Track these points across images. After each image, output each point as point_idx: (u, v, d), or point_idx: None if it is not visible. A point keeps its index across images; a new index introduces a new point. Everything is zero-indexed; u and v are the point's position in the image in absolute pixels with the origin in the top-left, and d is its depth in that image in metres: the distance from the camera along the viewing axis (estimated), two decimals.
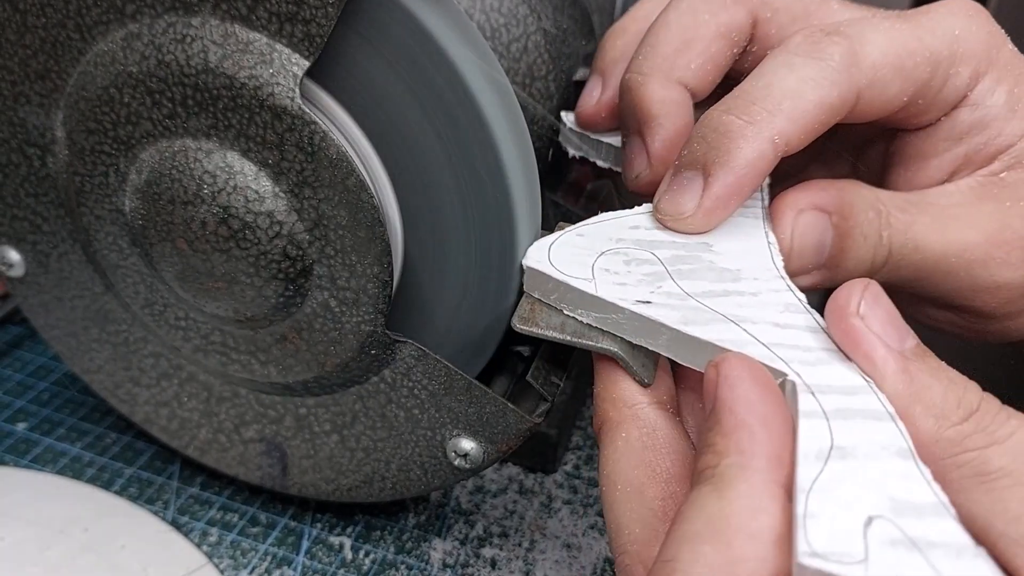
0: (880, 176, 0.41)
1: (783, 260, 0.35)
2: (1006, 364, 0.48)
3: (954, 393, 0.27)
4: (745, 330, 0.31)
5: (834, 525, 0.24)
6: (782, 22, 0.39)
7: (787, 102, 0.34)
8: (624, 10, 0.57)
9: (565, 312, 0.34)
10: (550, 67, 0.44)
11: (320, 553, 0.48)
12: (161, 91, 0.36)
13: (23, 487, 0.49)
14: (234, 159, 0.36)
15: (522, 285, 0.36)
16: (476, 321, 0.40)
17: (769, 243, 0.35)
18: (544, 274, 0.35)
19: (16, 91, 0.40)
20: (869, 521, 0.24)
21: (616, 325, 0.33)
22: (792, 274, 0.35)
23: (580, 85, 0.47)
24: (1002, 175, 0.37)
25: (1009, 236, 0.36)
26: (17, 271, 0.46)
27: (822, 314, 0.31)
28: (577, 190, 0.50)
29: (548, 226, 0.38)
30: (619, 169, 0.42)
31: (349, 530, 0.49)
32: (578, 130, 0.45)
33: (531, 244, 0.36)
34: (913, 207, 0.37)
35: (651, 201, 0.37)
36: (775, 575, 0.24)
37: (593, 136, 0.44)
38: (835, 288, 0.30)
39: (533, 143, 0.37)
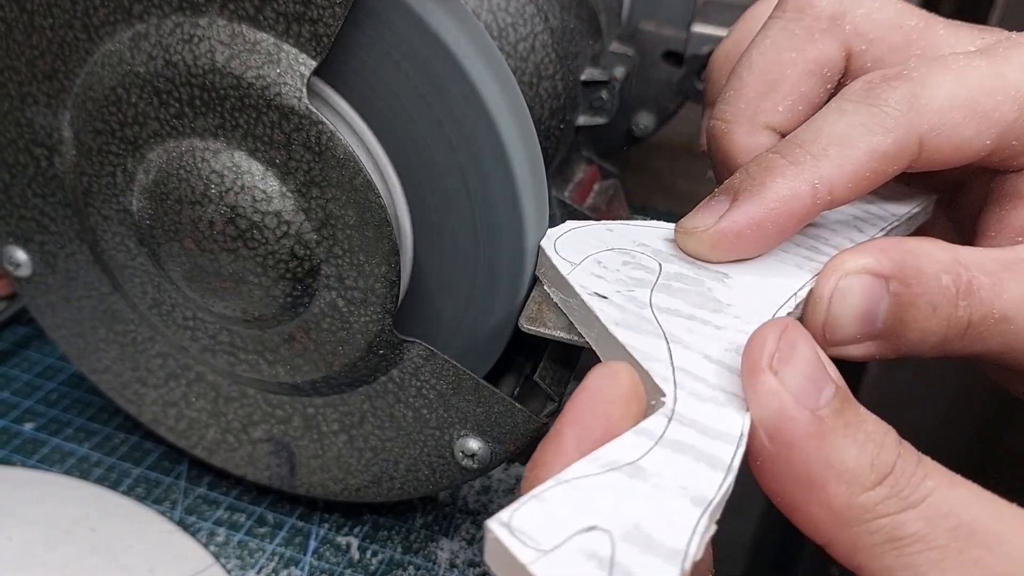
0: (978, 218, 0.37)
1: (815, 327, 0.32)
2: None
3: (868, 454, 0.26)
4: (669, 349, 0.30)
5: (551, 515, 0.23)
6: (879, 53, 0.36)
7: (833, 148, 0.32)
8: (631, 11, 0.57)
9: (545, 287, 0.35)
10: (557, 67, 0.44)
11: (327, 553, 0.48)
12: (168, 91, 0.36)
13: (30, 487, 0.49)
14: (241, 159, 0.36)
15: (530, 285, 0.37)
16: (484, 321, 0.40)
17: (794, 295, 0.33)
18: (542, 248, 0.35)
19: (23, 91, 0.40)
20: (590, 529, 0.23)
21: (569, 308, 0.33)
22: (833, 343, 0.32)
23: (587, 85, 0.47)
24: None
25: None
26: (24, 271, 0.46)
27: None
28: (585, 189, 0.50)
29: (554, 225, 0.38)
30: None
31: (357, 530, 0.49)
32: None
33: (538, 242, 0.36)
34: (1003, 269, 0.32)
35: None
36: None
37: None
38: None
39: (540, 142, 0.37)
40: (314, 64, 0.34)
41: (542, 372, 0.39)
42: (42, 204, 0.43)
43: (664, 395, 0.28)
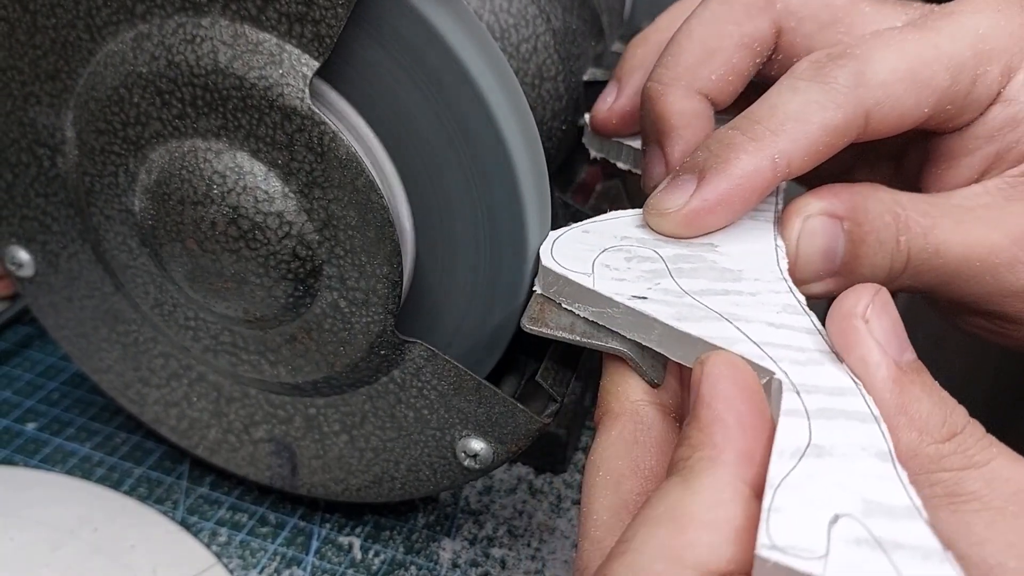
0: (917, 175, 0.40)
1: (789, 265, 0.35)
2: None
3: (941, 411, 0.27)
4: (738, 328, 0.31)
5: (798, 520, 0.24)
6: (808, 31, 0.38)
7: (790, 124, 0.34)
8: (633, 11, 0.57)
9: (564, 306, 0.35)
10: (559, 68, 0.44)
11: (329, 553, 0.48)
12: (171, 91, 0.36)
13: (33, 487, 0.49)
14: (244, 159, 0.36)
15: (531, 286, 0.37)
16: (486, 322, 0.40)
17: (776, 247, 0.35)
18: (546, 268, 0.35)
19: (26, 91, 0.40)
20: (835, 519, 0.24)
21: (611, 319, 0.33)
22: (801, 282, 0.35)
23: (590, 86, 0.47)
24: None
25: None
26: (27, 271, 0.46)
27: (822, 318, 0.31)
28: (587, 190, 0.50)
29: (557, 226, 0.38)
30: (639, 172, 0.42)
31: (359, 530, 0.49)
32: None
33: (540, 244, 0.36)
34: (935, 209, 0.36)
35: None
36: (724, 566, 0.24)
37: (614, 139, 0.44)
38: None
39: (542, 143, 0.37)
40: (316, 65, 0.34)
41: (544, 372, 0.39)
42: (44, 204, 0.43)
43: (773, 372, 0.29)
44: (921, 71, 0.34)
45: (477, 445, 0.41)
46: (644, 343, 0.33)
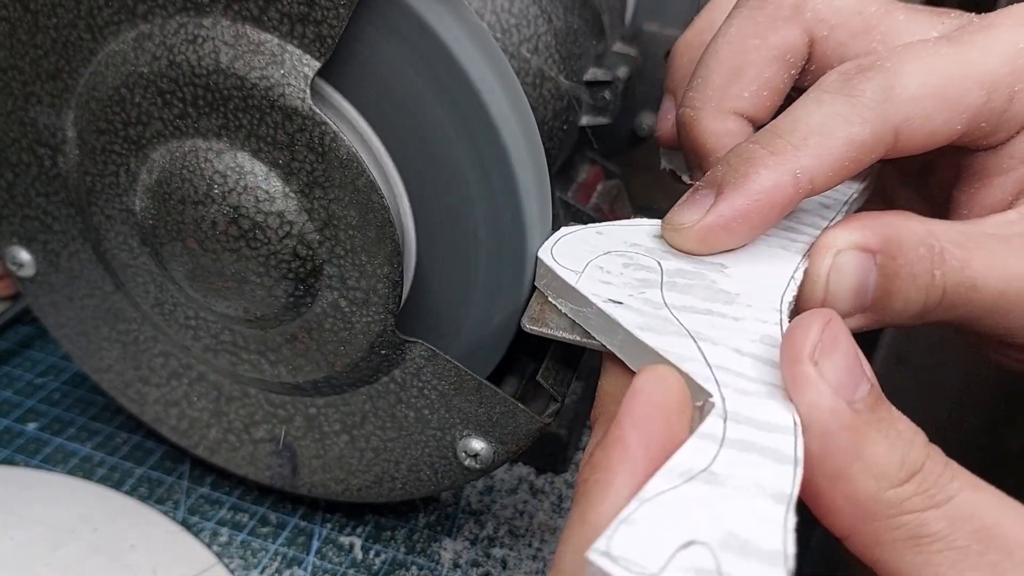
0: (948, 194, 0.39)
1: (816, 305, 0.33)
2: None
3: (898, 451, 0.26)
4: (699, 347, 0.30)
5: (646, 536, 0.23)
6: (841, 39, 0.37)
7: (813, 138, 0.33)
8: (634, 11, 0.57)
9: (550, 299, 0.35)
10: (560, 68, 0.44)
11: (330, 553, 0.48)
12: (172, 91, 0.36)
13: (33, 487, 0.49)
14: (244, 159, 0.36)
15: (532, 286, 0.37)
16: (486, 321, 0.40)
17: (792, 278, 0.34)
18: (541, 260, 0.35)
19: (27, 91, 0.40)
20: (688, 544, 0.23)
21: (584, 319, 0.33)
22: None
23: (592, 85, 0.47)
24: None
25: None
26: (28, 270, 0.46)
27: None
28: (588, 190, 0.50)
29: (559, 226, 0.38)
30: None
31: (359, 530, 0.49)
32: None
33: (541, 244, 0.36)
34: (971, 240, 0.33)
35: None
36: None
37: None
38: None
39: (543, 143, 0.37)
40: (318, 65, 0.34)
41: (545, 372, 0.39)
42: (45, 204, 0.43)
43: (710, 395, 0.28)
44: (953, 87, 0.33)
45: (478, 445, 0.41)
46: (608, 346, 0.33)
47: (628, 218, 0.38)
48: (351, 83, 0.36)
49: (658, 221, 0.37)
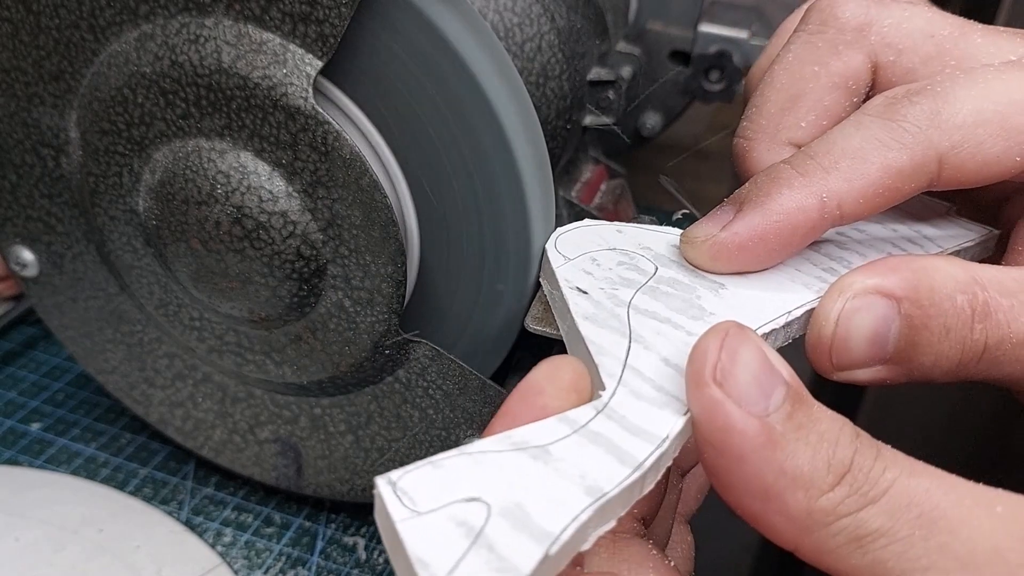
0: (1012, 229, 0.36)
1: (822, 350, 0.30)
2: None
3: (823, 454, 0.25)
4: (628, 347, 0.29)
5: (439, 481, 0.23)
6: (910, 65, 0.34)
7: (845, 162, 0.31)
8: (638, 10, 0.57)
9: (540, 279, 0.35)
10: (564, 67, 0.44)
11: (335, 553, 0.48)
12: (175, 91, 0.36)
13: (38, 487, 0.49)
14: (248, 159, 0.36)
15: (536, 286, 0.37)
16: (490, 321, 0.40)
17: (787, 312, 0.32)
18: (547, 245, 0.36)
19: (30, 92, 0.40)
20: (471, 500, 0.23)
21: (552, 299, 0.34)
22: (840, 367, 0.30)
23: (595, 85, 0.47)
24: None
25: None
26: (31, 271, 0.46)
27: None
28: (592, 189, 0.50)
29: (561, 224, 0.38)
30: None
31: (364, 530, 0.49)
32: None
33: (544, 244, 0.36)
34: (1022, 290, 0.30)
35: None
36: None
37: None
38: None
39: (547, 142, 0.37)
40: (320, 64, 0.34)
41: None
42: (49, 204, 0.43)
43: (603, 389, 0.27)
44: (1013, 115, 0.30)
45: None
46: (560, 331, 0.33)
47: (630, 218, 0.38)
48: (354, 82, 0.36)
49: (678, 230, 0.36)
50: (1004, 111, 0.31)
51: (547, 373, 0.27)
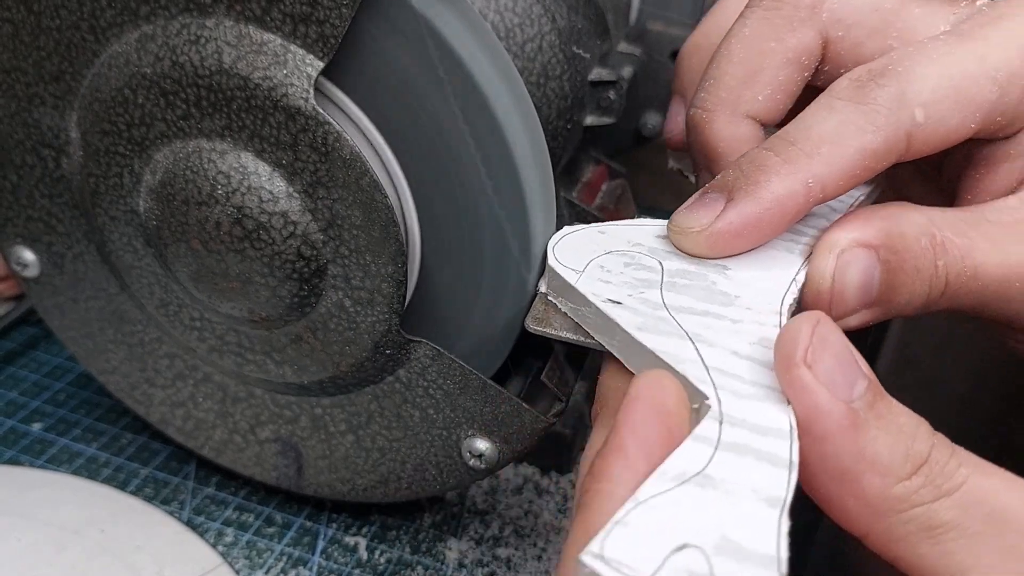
0: (956, 180, 0.38)
1: (823, 306, 0.33)
2: None
3: (902, 445, 0.26)
4: (696, 349, 0.30)
5: (640, 539, 0.23)
6: (857, 38, 0.36)
7: (826, 147, 0.32)
8: (639, 10, 0.57)
9: (549, 298, 0.35)
10: (564, 67, 0.44)
11: (336, 553, 0.48)
12: (175, 92, 0.36)
13: (39, 487, 0.49)
14: (248, 159, 0.36)
15: (536, 286, 0.37)
16: (491, 321, 0.40)
17: (794, 280, 0.33)
18: (547, 261, 0.35)
19: (31, 92, 0.40)
20: (681, 547, 0.23)
21: (583, 318, 0.33)
22: (838, 317, 0.33)
23: (595, 85, 0.47)
24: None
25: None
26: (32, 272, 0.46)
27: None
28: (593, 189, 0.50)
29: (563, 225, 0.38)
30: None
31: (365, 530, 0.49)
32: None
33: (545, 244, 0.36)
34: (971, 229, 0.33)
35: None
36: None
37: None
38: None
39: (547, 143, 0.37)
40: (321, 65, 0.34)
41: (549, 372, 0.39)
42: (49, 205, 0.43)
43: (707, 398, 0.28)
44: (967, 87, 0.33)
45: (483, 445, 0.40)
46: (607, 347, 0.32)
47: (633, 218, 0.38)
48: (354, 83, 0.36)
49: (662, 222, 0.36)
50: (958, 84, 0.33)
51: (656, 390, 0.27)
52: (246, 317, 0.40)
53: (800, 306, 0.33)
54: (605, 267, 0.34)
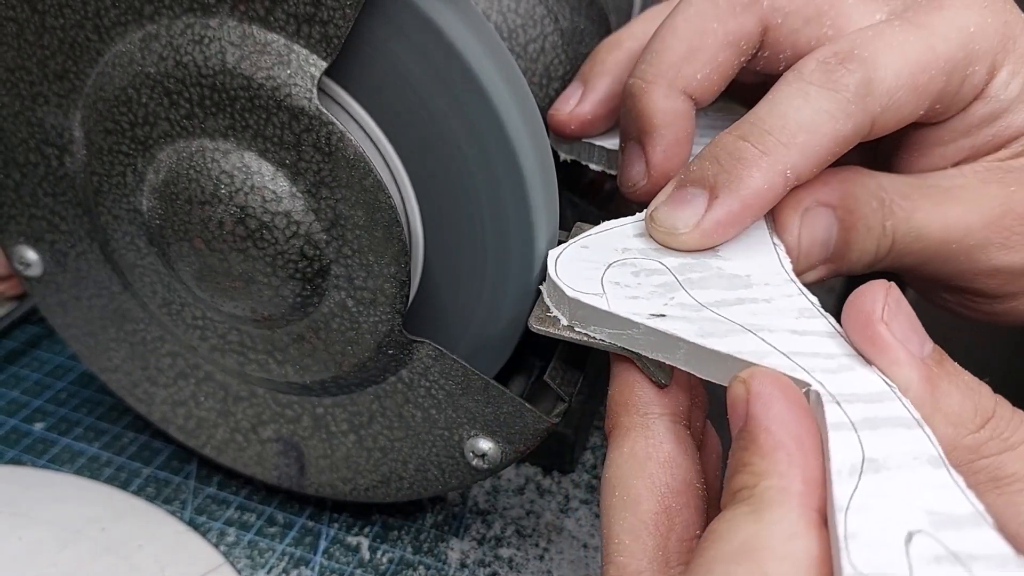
0: (890, 159, 0.41)
1: (791, 261, 0.34)
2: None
3: (971, 400, 0.28)
4: (763, 339, 0.30)
5: (876, 544, 0.24)
6: (794, 26, 0.37)
7: (802, 136, 0.33)
8: (642, 11, 0.57)
9: (577, 329, 0.34)
10: (567, 68, 0.44)
11: (337, 553, 0.48)
12: (179, 92, 0.36)
13: (41, 487, 0.49)
14: (251, 159, 0.36)
15: (539, 285, 0.36)
16: (493, 321, 0.40)
17: (775, 245, 0.35)
18: (559, 291, 0.34)
19: (35, 91, 0.40)
20: (910, 537, 0.24)
21: (632, 340, 0.33)
22: (798, 273, 0.35)
23: None
24: (1010, 161, 0.37)
25: (1010, 221, 0.36)
26: (35, 270, 0.46)
27: (836, 316, 0.30)
28: (595, 189, 0.50)
29: (566, 226, 0.38)
30: (612, 172, 0.42)
31: (367, 530, 0.49)
32: None
33: (548, 244, 0.36)
34: (916, 192, 0.36)
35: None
36: None
37: (584, 140, 0.43)
38: (840, 278, 0.30)
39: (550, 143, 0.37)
40: (324, 65, 0.34)
41: (552, 372, 0.39)
42: (53, 203, 0.43)
43: (808, 384, 0.28)
44: (921, 76, 0.34)
45: (485, 445, 0.40)
46: (669, 362, 0.32)
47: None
48: (358, 83, 0.36)
49: (631, 219, 0.37)
50: (914, 73, 0.34)
51: (779, 388, 0.28)
52: (248, 316, 0.40)
53: None
54: (619, 282, 0.34)
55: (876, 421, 0.27)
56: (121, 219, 0.41)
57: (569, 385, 0.40)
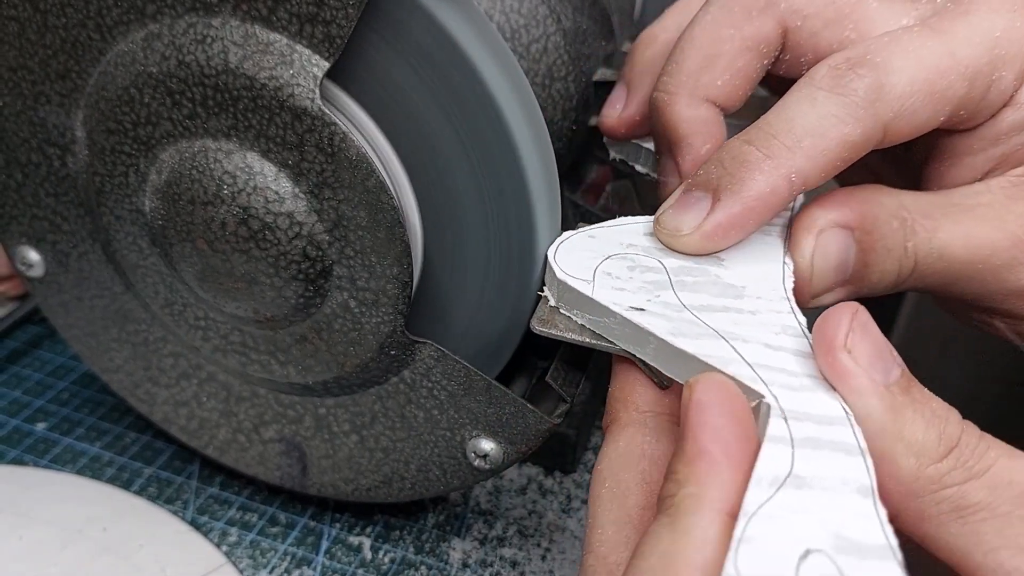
0: (921, 169, 0.40)
1: (803, 283, 0.34)
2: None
3: (935, 428, 0.27)
4: (734, 347, 0.30)
5: (767, 552, 0.24)
6: (814, 28, 0.37)
7: (807, 140, 0.33)
8: (643, 11, 0.57)
9: (562, 311, 0.35)
10: (570, 68, 0.44)
11: (339, 553, 0.48)
12: (181, 91, 0.36)
13: (42, 487, 0.49)
14: (254, 160, 0.36)
15: (541, 287, 0.36)
16: (495, 322, 0.40)
17: (784, 263, 0.35)
18: (551, 271, 0.35)
19: (36, 91, 0.40)
20: (806, 554, 0.24)
21: (607, 329, 0.33)
22: (815, 295, 0.35)
23: (600, 86, 0.47)
24: None
25: None
26: (37, 271, 0.46)
27: None
28: (597, 190, 0.50)
29: (568, 226, 0.38)
30: (656, 175, 0.42)
31: (369, 530, 0.49)
32: None
33: (550, 245, 0.36)
34: (938, 210, 0.35)
35: None
36: None
37: (632, 141, 0.44)
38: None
39: (553, 144, 0.37)
40: (327, 65, 0.34)
41: (554, 373, 0.39)
42: (55, 204, 0.43)
43: (762, 396, 0.28)
44: (939, 82, 0.33)
45: (487, 445, 0.40)
46: (639, 355, 0.32)
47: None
48: (360, 84, 0.36)
49: (645, 218, 0.37)
50: (931, 78, 0.33)
51: (722, 394, 0.28)
52: (251, 317, 0.40)
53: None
54: (612, 273, 0.34)
55: (819, 442, 0.27)
56: (123, 219, 0.41)
57: (571, 386, 0.39)
